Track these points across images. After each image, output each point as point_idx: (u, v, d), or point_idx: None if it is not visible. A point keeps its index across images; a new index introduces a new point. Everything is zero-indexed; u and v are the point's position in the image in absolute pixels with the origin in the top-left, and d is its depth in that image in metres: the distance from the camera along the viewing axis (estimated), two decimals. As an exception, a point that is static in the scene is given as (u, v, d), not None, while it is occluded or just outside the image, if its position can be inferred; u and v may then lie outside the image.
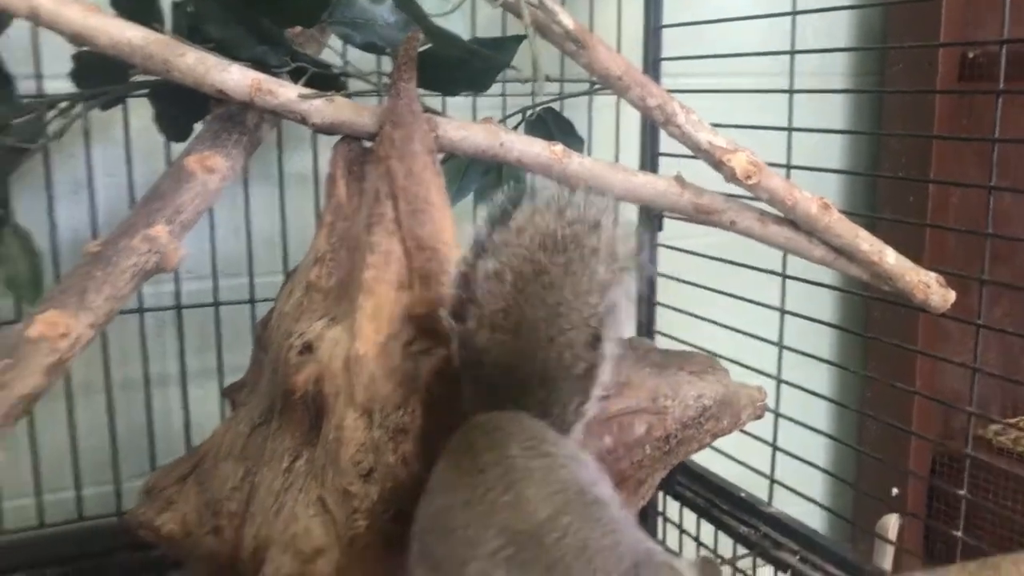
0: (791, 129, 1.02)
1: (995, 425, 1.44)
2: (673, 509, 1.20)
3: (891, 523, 1.22)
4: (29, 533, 1.00)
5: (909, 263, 0.82)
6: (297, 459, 0.67)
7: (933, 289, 0.82)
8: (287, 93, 0.74)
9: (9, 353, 0.61)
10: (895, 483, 1.35)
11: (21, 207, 0.85)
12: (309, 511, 0.63)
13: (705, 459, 1.14)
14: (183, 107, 0.81)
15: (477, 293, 0.62)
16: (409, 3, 0.73)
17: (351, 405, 0.64)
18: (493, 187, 0.90)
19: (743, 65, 1.08)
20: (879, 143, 1.42)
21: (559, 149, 0.79)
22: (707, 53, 1.12)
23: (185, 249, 0.71)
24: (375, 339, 0.65)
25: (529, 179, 0.67)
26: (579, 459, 0.58)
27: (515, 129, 0.94)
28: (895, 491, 1.35)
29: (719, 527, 1.12)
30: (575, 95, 1.10)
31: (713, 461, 1.14)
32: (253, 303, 1.05)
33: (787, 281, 1.05)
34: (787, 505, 1.09)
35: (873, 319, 1.40)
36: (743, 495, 1.11)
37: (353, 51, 0.86)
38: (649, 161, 1.19)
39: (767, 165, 0.80)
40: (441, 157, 0.77)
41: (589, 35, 0.75)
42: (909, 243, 0.91)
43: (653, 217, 1.19)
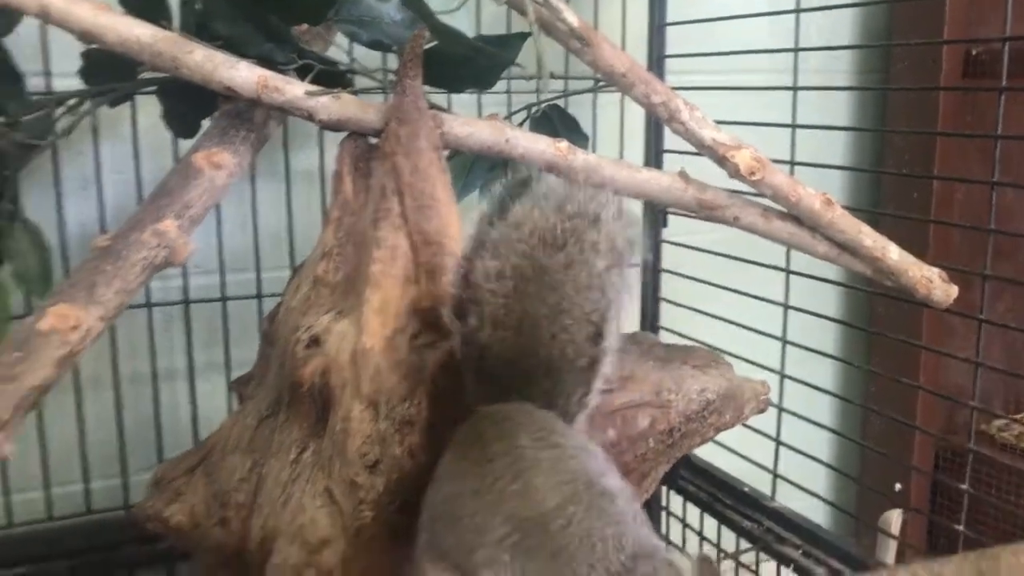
0: (795, 126, 1.02)
1: (998, 421, 1.44)
2: (676, 504, 1.20)
3: (894, 518, 1.22)
4: (38, 526, 1.01)
5: (912, 258, 0.82)
6: (304, 451, 0.67)
7: (936, 284, 0.82)
8: (294, 90, 0.74)
9: (20, 346, 0.61)
10: (898, 478, 1.35)
11: (30, 203, 0.85)
12: (316, 502, 0.64)
13: (708, 454, 1.15)
14: (191, 104, 0.82)
15: (478, 292, 0.62)
16: (415, 1, 0.74)
17: (358, 397, 0.64)
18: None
19: (747, 62, 1.08)
20: (883, 140, 1.42)
21: (564, 146, 0.80)
22: (711, 51, 1.12)
23: (194, 244, 0.71)
24: (381, 332, 0.66)
25: (525, 171, 0.66)
26: (588, 450, 0.58)
27: (520, 126, 0.94)
28: (898, 486, 1.35)
29: (722, 521, 1.12)
30: (580, 92, 1.10)
31: (716, 456, 1.15)
32: (260, 298, 1.05)
33: (791, 277, 1.06)
34: (791, 500, 1.09)
35: (877, 315, 1.40)
36: (746, 490, 1.11)
37: (359, 48, 0.87)
38: (654, 158, 1.19)
39: (771, 162, 0.81)
40: (447, 153, 0.78)
41: (593, 32, 0.76)
42: (913, 240, 0.91)
43: (658, 213, 1.20)
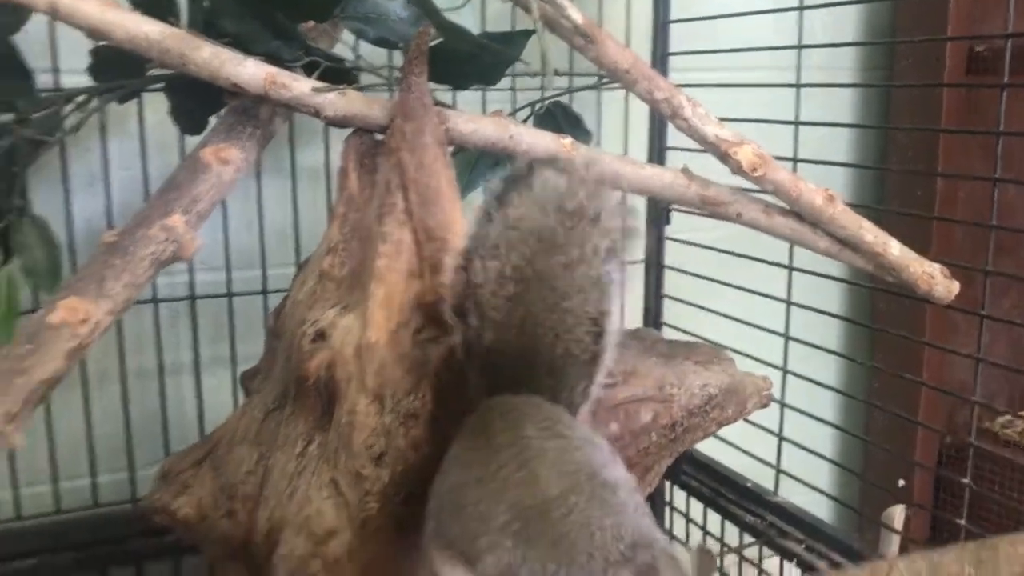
0: (798, 123, 1.03)
1: (1001, 418, 1.44)
2: (680, 499, 1.21)
3: (897, 514, 1.23)
4: (46, 519, 1.02)
5: (913, 254, 0.82)
6: (310, 443, 0.68)
7: (937, 280, 0.82)
8: (301, 87, 0.75)
9: (30, 339, 0.62)
10: (902, 474, 1.36)
11: (38, 199, 0.86)
12: (322, 494, 0.64)
13: (712, 450, 1.15)
14: (198, 100, 0.82)
15: (479, 293, 0.63)
16: (421, -2, 0.74)
17: (363, 391, 0.65)
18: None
19: (751, 60, 1.08)
20: (887, 138, 1.42)
21: (568, 142, 0.80)
22: (715, 48, 1.12)
23: (201, 239, 0.72)
24: (386, 327, 0.66)
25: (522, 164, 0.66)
26: (593, 442, 0.58)
27: (524, 123, 0.94)
28: (901, 483, 1.36)
29: (725, 516, 1.12)
30: (583, 88, 1.10)
31: (720, 452, 1.15)
32: (265, 294, 1.06)
33: (795, 274, 1.06)
34: (795, 496, 1.09)
35: (879, 311, 1.41)
36: (749, 485, 1.12)
37: (365, 45, 0.87)
38: (657, 155, 1.20)
39: (774, 158, 0.81)
40: (451, 150, 0.78)
41: (598, 29, 0.76)
42: (917, 236, 0.91)
43: (661, 210, 1.20)
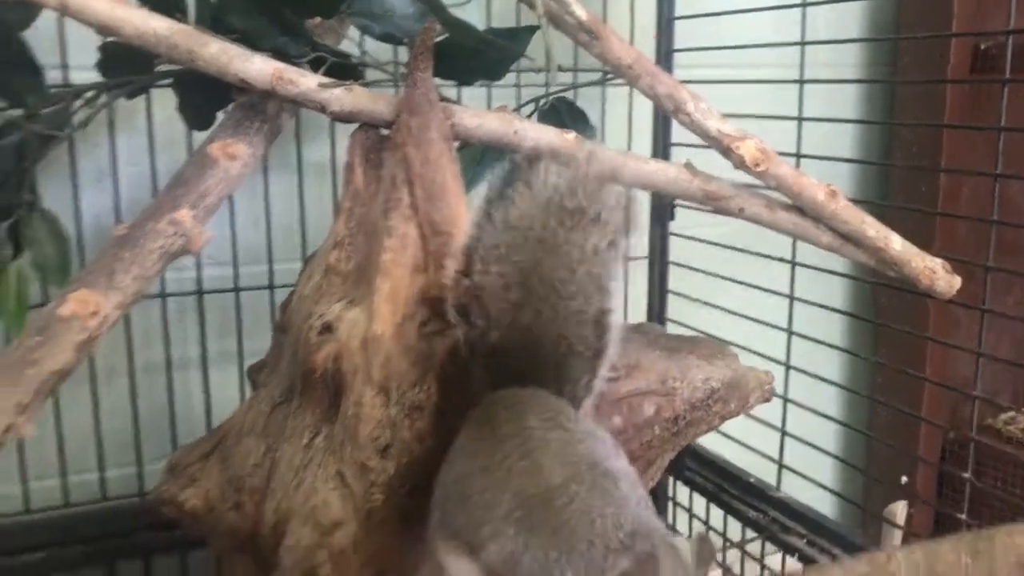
0: (801, 119, 1.03)
1: (1004, 415, 1.44)
2: (683, 494, 1.22)
3: (899, 509, 1.23)
4: (54, 513, 1.02)
5: (915, 249, 0.83)
6: (317, 435, 0.68)
7: (939, 275, 0.82)
8: (307, 82, 0.75)
9: (41, 331, 0.63)
10: (905, 470, 1.36)
11: (47, 194, 0.86)
12: (328, 485, 0.65)
13: (715, 445, 1.16)
14: (206, 96, 0.83)
15: (482, 297, 0.63)
16: (426, -6, 0.75)
17: (369, 383, 0.65)
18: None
19: (756, 57, 1.08)
20: (891, 134, 1.43)
21: (572, 137, 0.81)
22: (719, 45, 1.13)
23: (209, 232, 0.72)
24: (392, 320, 0.67)
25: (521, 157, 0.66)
26: (596, 435, 0.59)
27: (528, 118, 0.95)
28: (904, 479, 1.36)
29: (728, 511, 1.13)
30: (588, 84, 1.11)
31: (723, 447, 1.16)
32: (272, 289, 1.07)
33: (799, 270, 1.06)
34: (798, 492, 1.09)
35: (882, 307, 1.41)
36: (752, 480, 1.12)
37: (371, 41, 0.88)
38: (661, 151, 1.20)
39: (777, 154, 0.81)
40: (457, 145, 0.79)
41: (602, 25, 0.77)
42: (920, 232, 0.91)
43: (665, 206, 1.21)
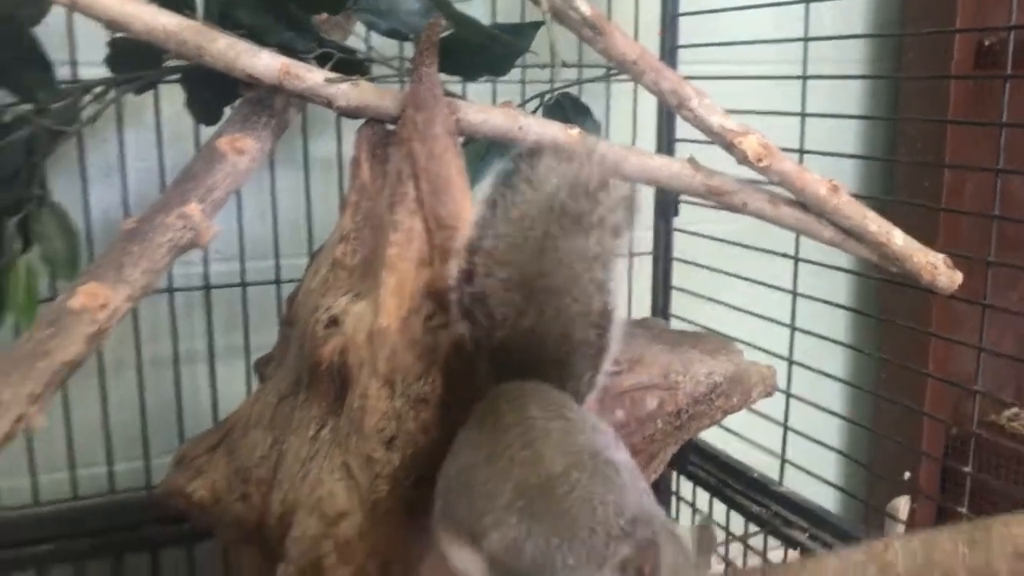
0: (804, 115, 1.04)
1: (1007, 411, 1.45)
2: (687, 489, 1.22)
3: (902, 504, 1.24)
4: (63, 505, 1.03)
5: (917, 244, 0.83)
6: (323, 428, 0.69)
7: (940, 270, 0.82)
8: (314, 77, 0.76)
9: (51, 324, 0.63)
10: (908, 466, 1.36)
11: (56, 189, 0.87)
12: (334, 476, 0.66)
13: (718, 440, 1.16)
14: (214, 91, 0.83)
15: (486, 301, 0.64)
16: (432, -10, 0.76)
17: (374, 376, 0.66)
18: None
19: (760, 53, 1.08)
20: (895, 130, 1.43)
21: (575, 132, 0.81)
22: (723, 41, 1.13)
23: (217, 226, 0.73)
24: (397, 313, 0.67)
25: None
26: (597, 427, 0.60)
27: (533, 113, 0.95)
28: (907, 475, 1.36)
29: (731, 506, 1.13)
30: (592, 80, 1.11)
31: (726, 442, 1.16)
32: (279, 284, 1.07)
33: (805, 267, 1.06)
34: (802, 488, 1.09)
35: (885, 303, 1.41)
36: (755, 475, 1.12)
37: (377, 37, 0.88)
38: (666, 147, 1.20)
39: (780, 150, 0.82)
40: (462, 140, 0.79)
41: (606, 21, 0.77)
42: (924, 228, 0.91)
43: (670, 202, 1.21)
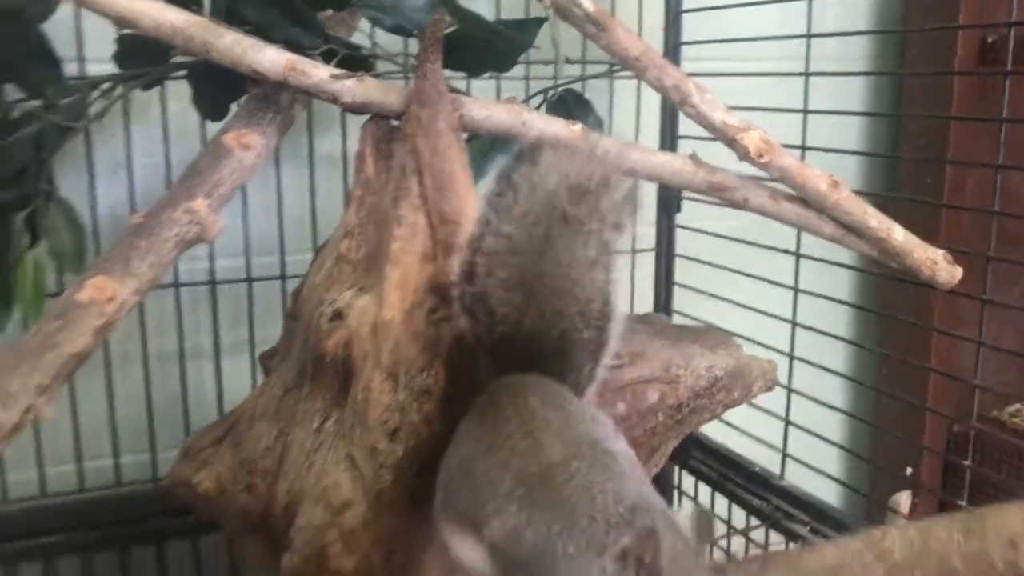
0: (806, 111, 1.04)
1: (1010, 408, 1.45)
2: (688, 483, 1.22)
3: (903, 499, 1.24)
4: (69, 497, 1.04)
5: (917, 240, 0.83)
6: (327, 420, 0.70)
7: (940, 266, 0.83)
8: (319, 73, 0.76)
9: (60, 316, 0.64)
10: (910, 461, 1.37)
11: (64, 185, 0.87)
12: (339, 467, 0.66)
13: (720, 435, 1.17)
14: (220, 87, 0.84)
15: (487, 300, 0.64)
16: (436, -14, 0.76)
17: (378, 368, 0.67)
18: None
19: (764, 50, 1.09)
20: (898, 127, 1.43)
21: (578, 128, 0.81)
22: (727, 38, 1.13)
23: (223, 221, 0.74)
24: (401, 307, 0.68)
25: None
26: (597, 418, 0.60)
27: (537, 109, 0.96)
28: (909, 471, 1.37)
29: (732, 500, 1.14)
30: (595, 76, 1.12)
31: (727, 437, 1.17)
32: (284, 279, 1.08)
33: (807, 264, 1.07)
34: (805, 484, 1.10)
35: (887, 298, 1.41)
36: (756, 469, 1.13)
37: (381, 33, 0.89)
38: (669, 143, 1.21)
39: (782, 146, 0.82)
40: (466, 136, 0.80)
41: (608, 17, 0.77)
42: (926, 224, 0.92)
43: (672, 198, 1.22)
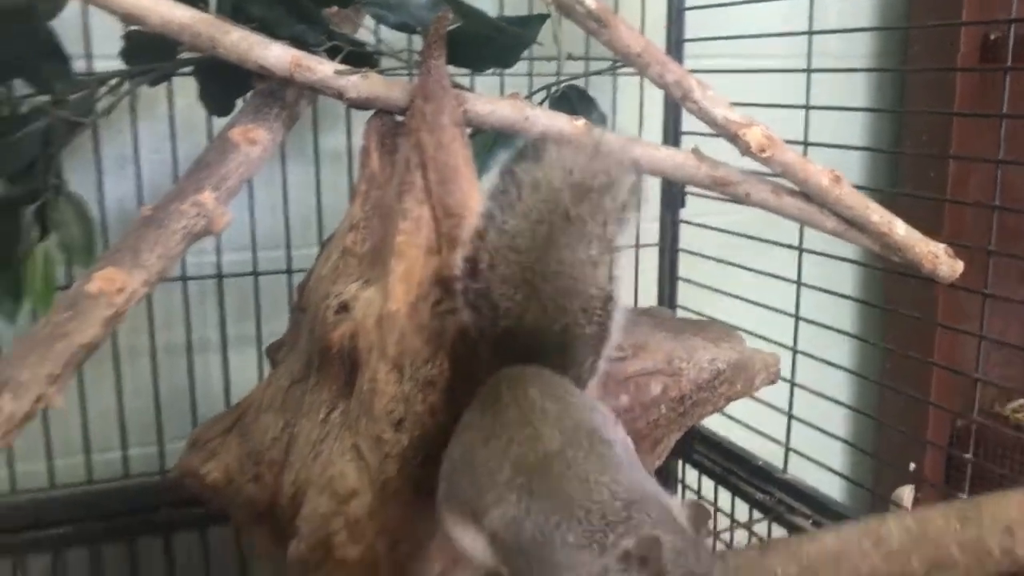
0: (808, 107, 1.05)
1: (1013, 403, 1.45)
2: (692, 477, 1.23)
3: (906, 493, 1.25)
4: (78, 489, 1.05)
5: (918, 234, 0.84)
6: (333, 410, 0.70)
7: (942, 260, 0.83)
8: (325, 70, 0.77)
9: (69, 307, 0.65)
10: (914, 456, 1.37)
11: (73, 180, 0.88)
12: (345, 457, 0.67)
13: (723, 429, 1.18)
14: (226, 83, 0.85)
15: (490, 295, 0.65)
16: (440, -17, 0.77)
17: (383, 359, 0.67)
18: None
19: (766, 47, 1.09)
20: (901, 123, 1.44)
21: (581, 123, 0.82)
22: (730, 35, 1.14)
23: (230, 214, 0.74)
24: (406, 299, 0.69)
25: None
26: (595, 408, 0.61)
27: (540, 105, 0.96)
28: (912, 466, 1.37)
29: (736, 493, 1.14)
30: (598, 73, 1.12)
31: (731, 432, 1.18)
32: (290, 273, 1.09)
33: (811, 259, 1.08)
34: (809, 479, 1.11)
35: (890, 293, 1.41)
36: (759, 463, 1.14)
37: (385, 30, 0.89)
38: (672, 139, 1.21)
39: (785, 142, 0.83)
40: (469, 131, 0.81)
41: (611, 14, 0.78)
42: (930, 220, 0.92)
43: (676, 194, 1.22)
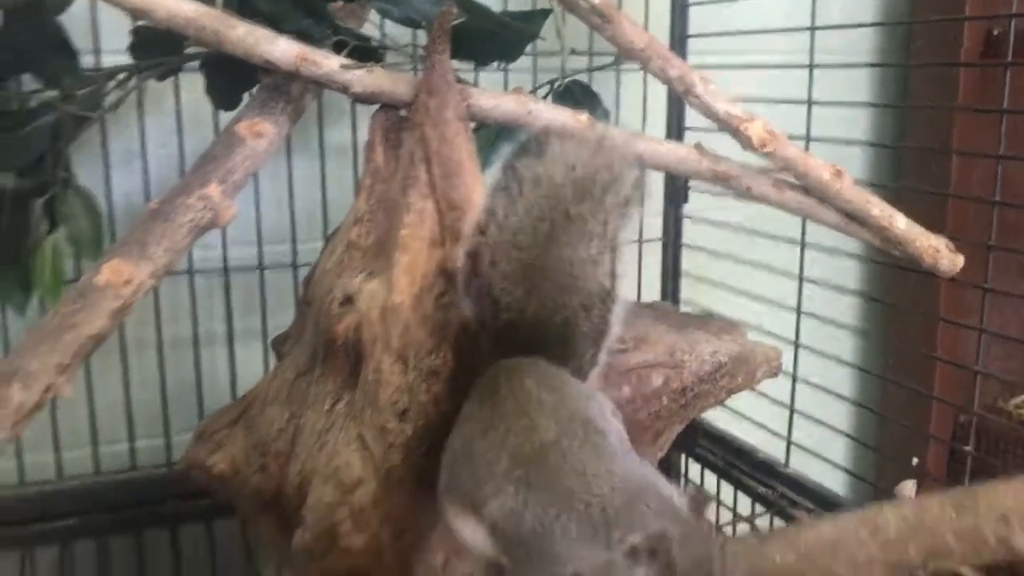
0: (810, 103, 1.05)
1: (1015, 399, 1.45)
2: (695, 471, 1.24)
3: (908, 488, 1.25)
4: (85, 481, 1.06)
5: (919, 228, 0.84)
6: (338, 402, 0.71)
7: (942, 254, 0.84)
8: (330, 64, 0.78)
9: (78, 299, 0.66)
10: (917, 451, 1.37)
11: (80, 174, 0.89)
12: (350, 447, 0.68)
13: (726, 423, 1.18)
14: (232, 77, 0.85)
15: (491, 291, 0.66)
16: (444, -22, 0.78)
17: (388, 351, 0.68)
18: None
19: (769, 43, 1.10)
20: (903, 119, 1.44)
21: (585, 118, 0.83)
22: (733, 31, 1.14)
23: (236, 207, 0.75)
24: (410, 291, 0.69)
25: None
26: (591, 396, 0.62)
27: (543, 100, 0.97)
28: (915, 460, 1.37)
29: (738, 487, 1.15)
30: (601, 68, 1.13)
31: (732, 425, 1.18)
32: (295, 267, 1.09)
33: (814, 254, 1.08)
34: (811, 472, 1.11)
35: (893, 288, 1.41)
36: (762, 457, 1.14)
37: (390, 25, 0.90)
38: (675, 134, 1.21)
39: (788, 138, 0.83)
40: (473, 125, 0.81)
41: (614, 9, 0.79)
42: (932, 215, 0.92)
43: (679, 188, 1.23)
